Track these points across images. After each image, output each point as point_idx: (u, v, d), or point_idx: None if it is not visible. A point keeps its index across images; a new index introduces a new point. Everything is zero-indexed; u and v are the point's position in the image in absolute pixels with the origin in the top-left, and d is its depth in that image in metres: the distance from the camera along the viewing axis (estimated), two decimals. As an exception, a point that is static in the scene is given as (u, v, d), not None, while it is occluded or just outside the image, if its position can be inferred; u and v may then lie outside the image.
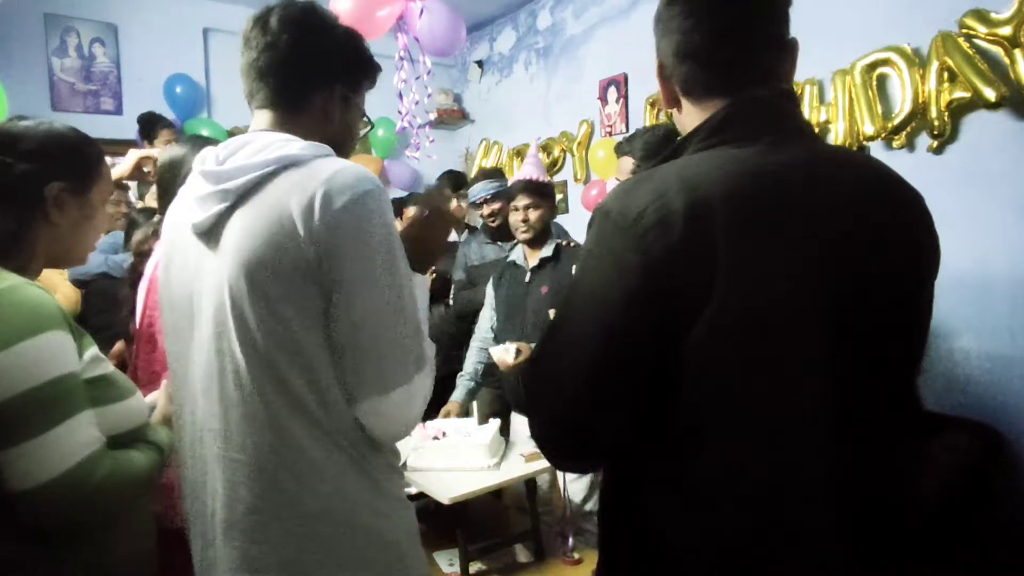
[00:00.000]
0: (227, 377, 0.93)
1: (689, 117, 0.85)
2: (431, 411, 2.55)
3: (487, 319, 2.64)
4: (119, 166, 2.38)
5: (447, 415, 2.45)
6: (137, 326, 1.56)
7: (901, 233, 0.78)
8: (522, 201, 2.46)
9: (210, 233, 0.97)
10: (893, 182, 0.80)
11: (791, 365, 0.72)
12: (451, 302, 3.07)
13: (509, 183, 2.69)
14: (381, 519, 0.98)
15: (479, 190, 3.04)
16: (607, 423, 0.76)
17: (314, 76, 1.04)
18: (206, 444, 0.97)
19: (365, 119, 1.16)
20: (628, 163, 2.03)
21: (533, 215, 2.44)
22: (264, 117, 1.04)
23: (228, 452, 0.94)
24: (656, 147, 1.95)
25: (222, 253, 0.94)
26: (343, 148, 1.09)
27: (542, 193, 2.46)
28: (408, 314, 0.96)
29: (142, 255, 1.66)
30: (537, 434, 0.82)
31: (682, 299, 0.70)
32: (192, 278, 1.00)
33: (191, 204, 1.00)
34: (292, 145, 0.95)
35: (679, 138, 0.84)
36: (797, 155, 0.77)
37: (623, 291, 0.72)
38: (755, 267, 0.70)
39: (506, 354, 2.26)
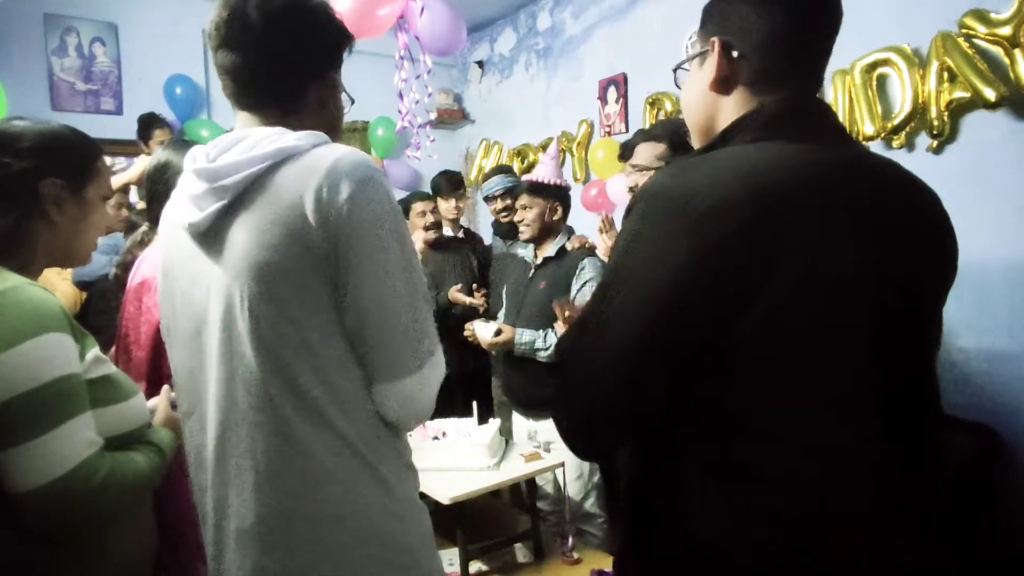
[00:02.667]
0: (236, 382, 0.91)
1: (734, 106, 0.84)
2: (434, 411, 2.57)
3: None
4: (127, 172, 2.38)
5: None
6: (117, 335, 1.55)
7: (935, 233, 0.82)
8: (521, 201, 2.49)
9: (209, 234, 0.94)
10: (922, 185, 0.84)
11: (842, 357, 0.73)
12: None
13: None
14: (395, 523, 0.95)
15: (492, 185, 3.07)
16: (644, 409, 0.76)
17: (309, 73, 1.00)
18: (212, 451, 0.95)
19: (346, 95, 1.10)
20: (655, 148, 1.97)
21: (529, 215, 2.46)
22: (255, 117, 0.99)
23: (237, 459, 0.92)
24: (684, 138, 1.91)
25: (228, 255, 0.91)
26: (336, 131, 1.06)
27: (542, 192, 2.46)
28: (418, 300, 0.94)
29: (125, 266, 1.64)
30: (567, 420, 0.80)
31: (735, 286, 0.69)
32: (193, 282, 0.97)
33: (186, 204, 0.96)
34: (287, 137, 0.92)
35: (730, 125, 0.83)
36: (844, 154, 0.80)
37: (672, 275, 0.71)
38: (812, 258, 0.71)
39: (486, 331, 2.41)
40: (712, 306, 0.70)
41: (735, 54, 0.83)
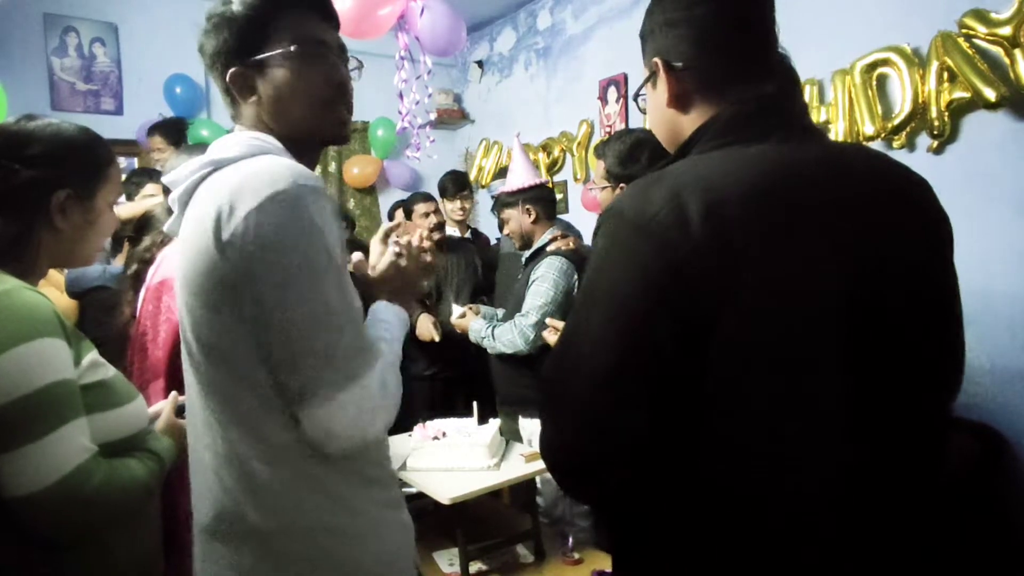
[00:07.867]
0: (192, 389, 0.95)
1: (693, 117, 0.84)
2: (434, 412, 2.58)
3: None
4: (128, 207, 2.37)
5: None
6: (133, 333, 1.55)
7: (917, 223, 0.78)
8: (502, 215, 2.57)
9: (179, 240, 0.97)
10: (902, 173, 0.81)
11: (812, 366, 0.71)
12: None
13: None
14: (348, 544, 0.91)
15: (494, 188, 3.11)
16: (625, 431, 0.73)
17: (224, 64, 0.96)
18: (189, 451, 0.99)
19: (349, 57, 1.04)
20: (599, 167, 2.06)
21: (509, 227, 2.53)
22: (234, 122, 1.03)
23: (198, 463, 0.95)
24: (625, 155, 1.95)
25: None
26: (327, 113, 0.99)
27: (512, 202, 2.50)
28: (332, 325, 0.85)
29: (145, 262, 1.64)
30: (549, 445, 0.77)
31: (703, 301, 0.68)
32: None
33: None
34: (227, 143, 0.92)
35: (689, 136, 0.82)
36: (808, 151, 0.78)
37: (642, 294, 0.70)
38: (776, 266, 0.70)
39: (454, 312, 2.59)
40: (681, 327, 0.69)
41: (679, 66, 0.83)
